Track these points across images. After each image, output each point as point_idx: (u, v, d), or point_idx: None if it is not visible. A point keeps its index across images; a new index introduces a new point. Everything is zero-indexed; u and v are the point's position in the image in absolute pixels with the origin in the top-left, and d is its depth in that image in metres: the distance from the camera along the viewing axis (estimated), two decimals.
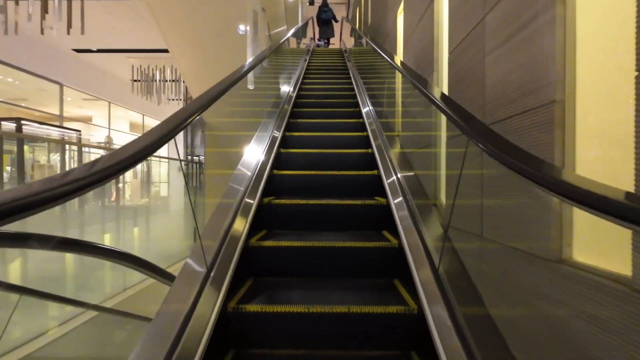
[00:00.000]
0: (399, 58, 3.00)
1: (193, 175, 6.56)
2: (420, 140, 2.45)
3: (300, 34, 9.87)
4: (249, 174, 2.37)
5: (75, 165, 4.47)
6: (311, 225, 2.28)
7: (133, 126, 13.38)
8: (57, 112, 10.48)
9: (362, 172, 2.66)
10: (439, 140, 2.16)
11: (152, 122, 12.91)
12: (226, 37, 4.47)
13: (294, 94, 4.55)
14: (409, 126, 2.84)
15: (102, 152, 5.43)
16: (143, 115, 11.91)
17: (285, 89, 4.57)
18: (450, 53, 1.94)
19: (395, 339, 1.49)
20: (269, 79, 4.54)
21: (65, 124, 12.38)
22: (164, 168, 8.59)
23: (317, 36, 10.96)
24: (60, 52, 8.25)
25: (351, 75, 5.80)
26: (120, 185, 4.66)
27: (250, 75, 3.30)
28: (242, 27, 4.34)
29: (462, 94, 1.74)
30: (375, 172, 2.64)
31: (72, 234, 3.85)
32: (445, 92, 1.88)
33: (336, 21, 10.56)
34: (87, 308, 3.01)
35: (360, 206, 2.29)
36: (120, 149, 0.98)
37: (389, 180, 2.37)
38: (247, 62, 2.62)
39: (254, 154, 2.66)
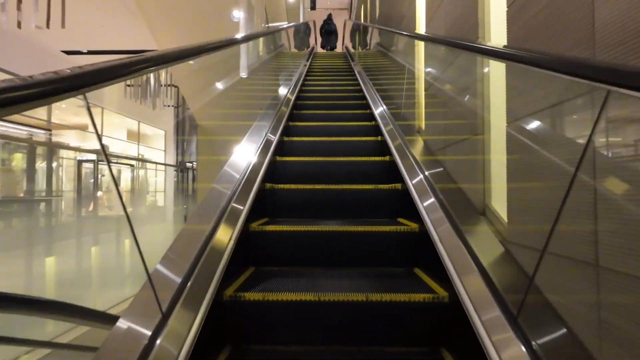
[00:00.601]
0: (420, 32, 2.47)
1: (185, 182, 6.03)
2: (460, 130, 1.90)
3: (302, 34, 9.44)
4: (247, 161, 1.99)
5: (42, 171, 3.94)
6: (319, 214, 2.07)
7: (132, 135, 12.91)
8: (51, 118, 10.02)
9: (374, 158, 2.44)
10: (491, 125, 1.61)
11: (149, 130, 12.44)
12: (220, 27, 3.97)
13: (294, 96, 4.02)
14: (440, 116, 2.30)
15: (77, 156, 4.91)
16: (139, 122, 11.44)
17: (284, 89, 4.09)
18: (511, 4, 1.41)
19: (421, 333, 1.29)
20: (267, 77, 4.05)
21: (59, 132, 11.92)
22: (159, 176, 8.07)
23: (319, 45, 10.70)
24: (49, 54, 7.82)
25: (357, 74, 5.33)
26: (100, 193, 4.12)
27: (243, 61, 2.79)
28: (236, 14, 3.85)
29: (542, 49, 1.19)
30: (387, 157, 2.35)
31: (37, 251, 3.30)
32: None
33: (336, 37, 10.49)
34: (43, 347, 2.43)
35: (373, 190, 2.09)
36: None
37: (413, 181, 1.85)
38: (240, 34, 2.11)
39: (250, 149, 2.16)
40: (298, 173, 2.38)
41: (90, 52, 8.03)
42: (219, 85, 3.06)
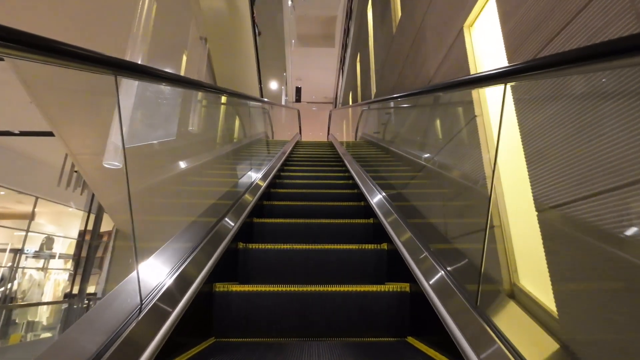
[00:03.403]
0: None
1: None
2: None
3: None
4: None
5: None
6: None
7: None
8: None
9: None
10: None
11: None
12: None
13: (266, 183, 2.64)
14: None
15: None
16: (85, 212, 9.64)
17: (256, 175, 2.74)
18: None
19: None
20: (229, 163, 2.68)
21: None
22: None
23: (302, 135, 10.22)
24: None
25: (346, 163, 4.09)
26: None
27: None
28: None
29: None
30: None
31: None
32: None
33: None
34: None
35: None
36: None
37: None
38: None
39: None
40: None
41: (23, 134, 6.63)
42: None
